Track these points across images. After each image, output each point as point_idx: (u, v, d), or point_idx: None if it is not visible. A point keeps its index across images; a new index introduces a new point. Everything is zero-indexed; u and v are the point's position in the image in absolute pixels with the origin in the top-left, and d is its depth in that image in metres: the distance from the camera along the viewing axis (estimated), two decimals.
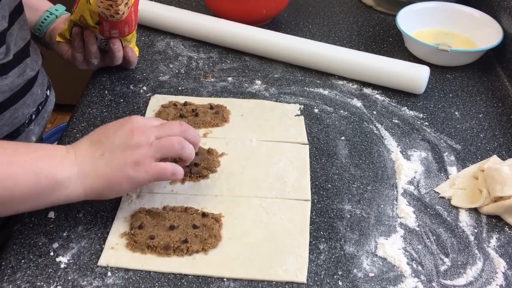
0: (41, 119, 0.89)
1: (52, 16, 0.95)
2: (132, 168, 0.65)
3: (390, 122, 0.89)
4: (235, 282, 0.65)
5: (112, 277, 0.65)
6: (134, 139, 0.66)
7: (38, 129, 0.88)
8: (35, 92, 0.86)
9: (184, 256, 0.67)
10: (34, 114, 0.86)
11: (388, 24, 1.15)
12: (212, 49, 1.06)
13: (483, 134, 0.87)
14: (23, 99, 0.82)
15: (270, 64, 1.02)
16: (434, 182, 0.78)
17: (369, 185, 0.77)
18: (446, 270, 0.67)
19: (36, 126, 0.87)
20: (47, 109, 0.92)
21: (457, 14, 1.08)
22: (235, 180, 0.77)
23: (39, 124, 0.88)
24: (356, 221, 0.72)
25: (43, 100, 0.90)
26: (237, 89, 0.95)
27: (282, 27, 1.14)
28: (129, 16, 0.85)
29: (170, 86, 0.96)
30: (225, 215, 0.72)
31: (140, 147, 0.66)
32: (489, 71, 1.02)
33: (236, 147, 0.82)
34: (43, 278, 0.64)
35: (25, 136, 0.84)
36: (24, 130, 0.84)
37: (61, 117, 2.20)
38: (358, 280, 0.65)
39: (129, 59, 0.94)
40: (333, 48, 0.99)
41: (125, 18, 0.85)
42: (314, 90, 0.95)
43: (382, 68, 0.94)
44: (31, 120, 0.86)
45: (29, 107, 0.84)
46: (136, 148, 0.66)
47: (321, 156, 0.82)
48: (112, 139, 0.66)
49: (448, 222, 0.73)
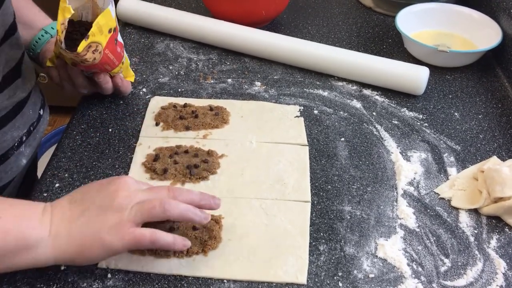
0: (32, 140, 0.85)
1: (46, 35, 0.89)
2: (108, 232, 0.59)
3: (389, 123, 0.89)
4: (235, 283, 0.65)
5: (112, 278, 0.65)
6: (116, 201, 0.60)
7: (29, 150, 0.84)
8: (26, 113, 0.82)
9: (184, 258, 0.67)
10: (24, 136, 0.82)
11: (387, 25, 1.15)
12: (211, 50, 1.06)
13: (482, 135, 0.87)
14: (12, 122, 0.78)
15: (270, 65, 1.02)
16: (434, 183, 0.78)
17: (369, 186, 0.77)
18: (446, 271, 0.67)
19: (27, 147, 0.83)
20: (39, 129, 0.87)
21: (457, 15, 1.08)
22: (235, 182, 0.77)
23: (30, 146, 0.84)
24: (356, 222, 0.72)
25: (35, 120, 0.86)
26: (236, 91, 0.95)
27: (282, 28, 1.14)
28: (104, 58, 0.79)
29: (169, 87, 0.96)
30: (225, 217, 0.72)
31: (121, 210, 0.60)
32: (488, 72, 1.02)
33: (236, 148, 0.82)
34: (43, 280, 0.64)
35: (14, 159, 0.80)
36: (13, 153, 0.80)
37: (60, 119, 2.21)
38: (358, 281, 0.65)
39: (119, 89, 0.89)
40: (332, 49, 0.99)
41: (101, 61, 0.79)
42: (314, 91, 0.95)
43: (381, 69, 0.94)
44: (22, 142, 0.81)
45: (18, 129, 0.80)
46: (117, 211, 0.60)
47: (321, 157, 0.82)
48: (93, 199, 0.61)
49: (448, 223, 0.73)
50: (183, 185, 0.76)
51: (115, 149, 0.83)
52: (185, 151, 0.80)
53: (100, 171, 0.79)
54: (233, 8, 1.07)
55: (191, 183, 0.76)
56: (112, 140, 0.84)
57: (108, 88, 0.87)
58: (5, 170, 0.79)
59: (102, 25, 0.76)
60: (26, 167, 0.86)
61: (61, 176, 0.78)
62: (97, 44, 0.76)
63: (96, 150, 0.82)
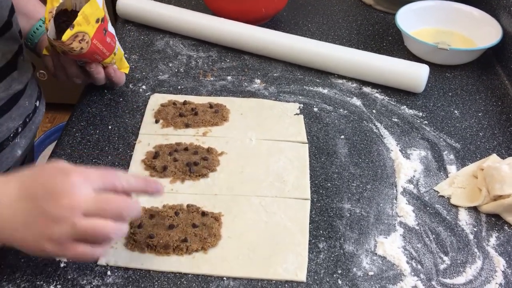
0: (28, 131, 0.85)
1: (44, 26, 0.89)
2: (49, 243, 0.57)
3: (389, 120, 0.89)
4: (234, 281, 0.65)
5: (111, 276, 0.65)
6: (59, 213, 0.57)
7: (25, 141, 0.84)
8: (22, 104, 0.82)
9: (183, 255, 0.67)
10: (20, 127, 0.82)
11: (387, 23, 1.15)
12: (211, 48, 1.06)
13: (482, 133, 0.87)
14: (8, 113, 0.79)
15: (270, 63, 1.02)
16: (433, 180, 0.78)
17: (368, 184, 0.77)
18: (445, 269, 0.67)
19: (22, 139, 0.83)
20: (35, 120, 0.87)
21: (457, 12, 1.08)
22: (235, 179, 0.77)
23: (26, 137, 0.84)
24: (356, 220, 0.72)
25: (31, 112, 0.85)
26: (236, 88, 0.95)
27: (282, 26, 1.14)
28: (92, 48, 0.79)
29: (169, 85, 0.96)
30: (225, 214, 0.72)
31: (61, 222, 0.57)
32: (488, 69, 1.02)
33: (235, 146, 0.82)
34: (42, 277, 0.64)
35: (9, 150, 0.81)
36: (9, 144, 0.80)
37: (60, 116, 2.21)
38: (358, 278, 0.65)
39: (111, 80, 0.89)
40: (332, 47, 0.99)
41: (89, 50, 0.78)
42: (314, 89, 0.95)
43: (381, 67, 0.94)
44: (17, 133, 0.82)
45: (14, 120, 0.80)
46: (59, 223, 0.57)
47: (321, 155, 0.82)
48: (39, 198, 0.58)
49: (448, 221, 0.73)
50: (182, 182, 0.76)
51: (115, 146, 0.83)
52: (184, 149, 0.80)
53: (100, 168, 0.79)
54: (233, 6, 1.07)
55: (191, 181, 0.76)
56: (111, 137, 0.84)
57: (100, 78, 0.87)
58: (0, 160, 0.80)
59: (89, 15, 0.76)
60: (22, 158, 0.87)
61: None
62: (84, 33, 0.76)
63: (96, 147, 0.82)
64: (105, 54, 0.83)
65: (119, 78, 0.90)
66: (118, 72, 0.90)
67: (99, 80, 0.88)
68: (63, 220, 0.57)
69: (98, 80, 0.88)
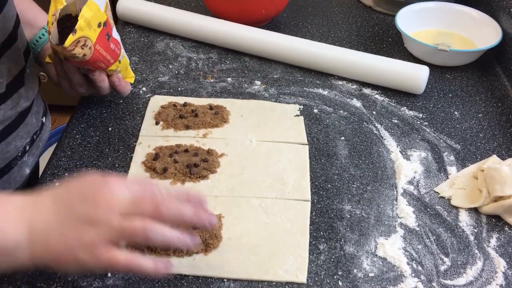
0: (35, 149, 0.83)
1: (47, 34, 0.85)
2: (82, 249, 0.54)
3: (389, 122, 0.89)
4: (235, 282, 0.65)
5: (112, 278, 0.65)
6: (96, 214, 0.54)
7: (32, 159, 0.83)
8: (29, 122, 0.80)
9: (184, 257, 0.67)
10: (28, 145, 0.81)
11: (387, 24, 1.15)
12: (211, 49, 1.06)
13: (482, 134, 0.87)
14: (16, 132, 0.77)
15: (270, 64, 1.02)
16: (433, 182, 0.78)
17: (369, 185, 0.77)
18: (446, 270, 0.67)
19: (30, 156, 0.82)
20: (42, 137, 0.86)
21: (456, 14, 1.08)
22: (235, 181, 0.77)
23: (33, 154, 0.83)
24: (356, 221, 0.72)
25: (38, 129, 0.84)
26: (236, 90, 0.95)
27: (282, 27, 1.14)
28: (96, 54, 0.75)
29: (169, 86, 0.96)
30: (225, 216, 0.72)
31: (99, 225, 0.54)
32: (488, 71, 1.02)
33: (235, 147, 0.82)
34: (43, 279, 0.64)
35: (17, 169, 0.79)
36: (17, 163, 0.79)
37: (60, 118, 2.21)
38: (358, 280, 0.65)
39: (116, 89, 0.86)
40: (332, 49, 0.99)
41: (92, 57, 0.75)
42: (314, 91, 0.95)
43: (381, 68, 0.94)
44: (25, 152, 0.80)
45: (22, 139, 0.79)
46: (95, 225, 0.54)
47: (321, 157, 0.82)
48: (74, 204, 0.56)
49: (448, 222, 0.73)
50: (183, 184, 0.76)
51: (115, 148, 0.83)
52: (185, 150, 0.80)
53: (100, 170, 0.79)
54: (233, 7, 1.07)
55: (191, 182, 0.76)
56: (112, 139, 0.84)
57: (104, 87, 0.84)
58: (8, 181, 0.78)
59: (90, 19, 0.72)
60: (29, 176, 0.85)
61: (61, 175, 0.78)
62: (86, 39, 0.72)
63: (96, 149, 0.82)
64: (109, 62, 0.80)
65: (123, 87, 0.86)
66: (123, 81, 0.87)
67: (103, 90, 0.84)
68: (99, 221, 0.54)
69: (101, 89, 0.84)
